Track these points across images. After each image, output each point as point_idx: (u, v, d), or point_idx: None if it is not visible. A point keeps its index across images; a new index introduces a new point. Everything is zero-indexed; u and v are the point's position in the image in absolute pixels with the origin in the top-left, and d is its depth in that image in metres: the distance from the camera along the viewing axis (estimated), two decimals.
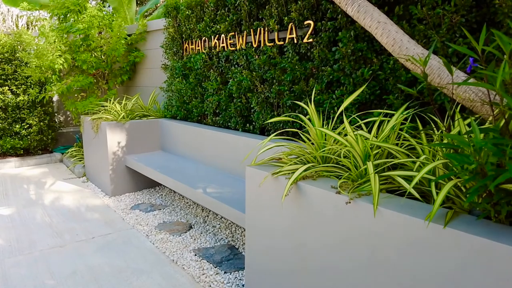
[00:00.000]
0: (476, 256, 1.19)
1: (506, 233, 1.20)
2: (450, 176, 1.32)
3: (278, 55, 2.97)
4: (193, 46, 3.98)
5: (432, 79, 1.62)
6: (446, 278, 1.28)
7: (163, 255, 2.90)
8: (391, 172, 1.59)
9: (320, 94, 2.64)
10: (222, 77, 3.62)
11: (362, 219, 1.53)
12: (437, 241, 1.29)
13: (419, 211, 1.41)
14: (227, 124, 3.62)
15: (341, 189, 1.66)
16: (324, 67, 2.60)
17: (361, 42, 2.39)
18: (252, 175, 2.05)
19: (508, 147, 1.14)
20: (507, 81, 1.24)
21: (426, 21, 2.13)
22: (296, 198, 1.82)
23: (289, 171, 1.89)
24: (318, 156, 1.98)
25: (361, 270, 1.57)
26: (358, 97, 2.40)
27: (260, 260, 2.11)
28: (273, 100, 3.06)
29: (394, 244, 1.43)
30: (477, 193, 1.19)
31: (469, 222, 1.29)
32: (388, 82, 2.30)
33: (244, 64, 3.30)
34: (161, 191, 4.48)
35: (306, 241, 1.80)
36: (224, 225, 3.42)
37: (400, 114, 1.85)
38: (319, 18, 2.67)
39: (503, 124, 1.25)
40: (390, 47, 1.70)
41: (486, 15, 2.03)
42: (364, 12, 1.76)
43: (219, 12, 3.52)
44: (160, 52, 4.92)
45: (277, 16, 2.95)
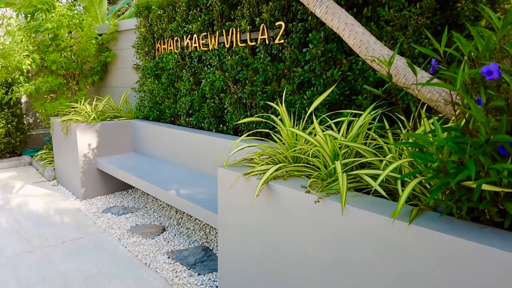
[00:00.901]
0: (439, 252, 1.23)
1: (467, 228, 1.24)
2: (415, 174, 1.35)
3: (250, 56, 2.98)
4: (165, 46, 3.94)
5: (398, 79, 1.66)
6: (412, 274, 1.32)
7: (135, 258, 2.86)
8: (358, 171, 1.62)
9: (292, 94, 2.66)
10: (195, 78, 3.59)
11: (331, 218, 1.55)
12: (403, 238, 1.32)
13: (386, 209, 1.44)
14: (201, 125, 3.60)
15: (310, 188, 1.68)
16: (296, 68, 2.63)
17: (331, 43, 2.42)
18: (224, 176, 2.05)
19: (468, 145, 1.18)
20: (467, 82, 1.28)
21: (394, 22, 2.18)
22: (267, 198, 1.83)
23: (260, 172, 1.90)
24: (289, 156, 1.99)
25: (331, 268, 1.59)
26: (329, 98, 2.43)
27: (233, 261, 2.11)
28: (246, 100, 3.06)
29: (362, 242, 1.46)
30: (440, 190, 1.22)
31: (433, 218, 1.33)
32: (357, 83, 2.34)
33: (217, 64, 3.29)
34: (134, 193, 4.41)
35: (278, 241, 1.81)
36: (199, 227, 3.40)
37: (367, 114, 1.88)
38: (290, 19, 2.69)
39: (464, 124, 1.29)
40: (357, 48, 1.73)
41: (449, 17, 2.09)
42: (332, 14, 1.79)
43: (191, 12, 3.50)
44: (132, 52, 4.84)
45: (248, 17, 2.95)
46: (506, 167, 1.07)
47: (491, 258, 1.12)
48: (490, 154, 1.17)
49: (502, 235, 1.19)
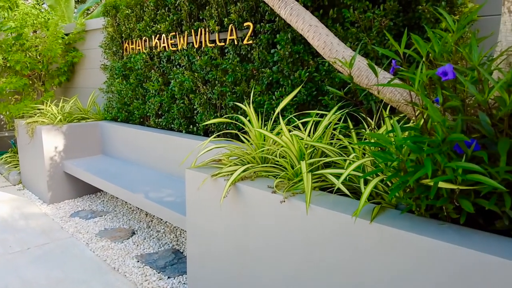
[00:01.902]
0: (400, 249, 1.26)
1: (426, 225, 1.28)
2: (376, 172, 1.38)
3: (219, 56, 2.97)
4: (134, 46, 3.88)
5: (361, 80, 1.69)
6: (375, 272, 1.34)
7: (104, 263, 2.79)
8: (323, 171, 1.64)
9: (261, 95, 2.67)
10: (164, 78, 3.55)
11: (297, 217, 1.57)
12: (365, 236, 1.35)
13: (349, 208, 1.46)
14: (170, 126, 3.56)
15: (277, 188, 1.69)
16: (264, 69, 2.63)
17: (298, 45, 2.44)
18: (192, 177, 2.03)
19: (426, 144, 1.21)
20: (425, 82, 1.32)
21: (358, 24, 2.21)
22: (235, 199, 1.82)
23: (228, 173, 1.89)
24: (257, 157, 2.00)
25: (299, 268, 1.60)
26: (296, 98, 2.45)
27: (202, 263, 2.09)
28: (216, 101, 3.05)
29: (327, 240, 1.48)
30: (399, 189, 1.25)
31: (394, 216, 1.36)
32: (323, 84, 2.37)
33: (186, 64, 3.26)
34: (103, 196, 4.32)
35: (246, 242, 1.81)
36: (169, 229, 3.36)
37: (332, 114, 1.91)
38: (258, 20, 2.69)
39: (423, 123, 1.33)
40: (321, 50, 1.75)
41: (412, 19, 2.15)
42: (297, 15, 1.80)
43: (160, 12, 3.45)
44: (100, 52, 4.74)
45: (217, 17, 2.94)
46: (461, 165, 1.10)
47: (449, 254, 1.16)
48: (447, 152, 1.20)
49: (459, 231, 1.23)
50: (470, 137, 1.30)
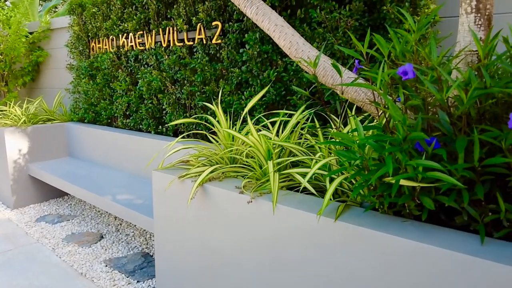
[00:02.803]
0: (363, 247, 1.27)
1: (389, 223, 1.29)
2: (341, 171, 1.39)
3: (188, 56, 2.93)
4: (100, 45, 3.78)
5: (326, 80, 1.70)
6: (340, 270, 1.35)
7: (70, 268, 2.71)
8: (290, 170, 1.64)
9: (231, 95, 2.65)
10: (132, 78, 3.48)
11: (264, 217, 1.56)
12: (330, 235, 1.36)
13: (315, 206, 1.47)
14: (139, 127, 3.49)
15: (245, 189, 1.68)
16: (233, 69, 2.62)
17: (266, 44, 2.44)
18: (158, 179, 1.99)
19: (387, 143, 1.23)
20: (387, 82, 1.34)
21: (325, 24, 2.23)
22: (203, 200, 1.80)
23: (196, 174, 1.87)
24: (225, 157, 1.98)
25: (267, 268, 1.60)
26: (266, 98, 2.45)
27: (171, 266, 2.06)
28: (185, 101, 3.01)
29: (294, 240, 1.48)
30: (362, 187, 1.26)
31: (358, 214, 1.37)
32: (292, 83, 2.37)
33: (154, 64, 3.20)
34: (70, 200, 4.19)
35: (215, 243, 1.79)
36: (139, 233, 3.30)
37: (299, 114, 1.92)
38: (226, 19, 2.68)
39: (385, 122, 1.34)
40: (287, 50, 1.75)
41: (377, 19, 2.18)
42: (262, 15, 1.80)
43: (127, 11, 3.38)
44: (66, 52, 4.60)
45: (185, 16, 2.90)
46: (421, 163, 1.12)
47: (410, 251, 1.17)
48: (408, 151, 1.22)
49: (421, 228, 1.25)
50: (431, 135, 1.33)
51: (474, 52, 1.41)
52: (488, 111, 1.34)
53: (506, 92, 1.18)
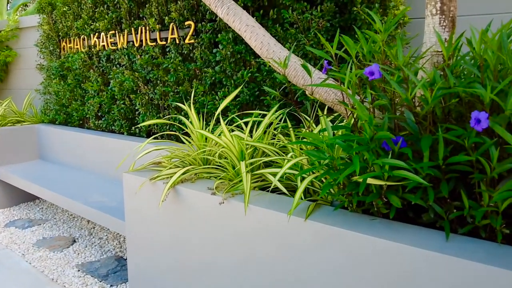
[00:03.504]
0: (332, 246, 1.28)
1: (358, 221, 1.31)
2: (311, 170, 1.40)
3: (161, 55, 2.90)
4: (71, 45, 3.69)
5: (297, 80, 1.71)
6: (311, 269, 1.36)
7: (41, 274, 2.63)
8: (262, 170, 1.64)
9: (204, 95, 2.63)
10: (104, 78, 3.41)
11: (236, 218, 1.55)
12: (300, 234, 1.36)
13: (287, 206, 1.47)
14: (111, 128, 3.42)
15: (217, 190, 1.67)
16: (207, 69, 2.60)
17: (239, 45, 2.43)
18: (129, 181, 1.96)
19: (355, 142, 1.25)
20: (355, 82, 1.35)
21: (297, 25, 2.24)
22: (175, 202, 1.78)
23: (167, 175, 1.84)
24: (198, 158, 1.97)
25: (241, 269, 1.59)
26: (240, 98, 2.44)
27: (143, 269, 2.03)
28: (158, 101, 2.97)
29: (265, 239, 1.48)
30: (330, 186, 1.27)
31: (328, 213, 1.38)
32: (265, 84, 2.38)
33: (127, 64, 3.15)
34: (42, 204, 4.08)
35: (187, 246, 1.77)
36: (112, 236, 3.24)
37: (272, 114, 1.92)
38: (199, 19, 2.66)
39: (353, 122, 1.36)
40: (258, 50, 1.75)
41: (348, 20, 2.21)
42: (233, 15, 1.79)
43: (98, 10, 3.31)
44: (36, 51, 4.48)
45: (157, 16, 2.87)
46: (387, 162, 1.14)
47: (378, 248, 1.19)
48: (375, 150, 1.24)
49: (389, 226, 1.27)
50: (398, 134, 1.35)
51: (440, 53, 1.45)
52: (454, 110, 1.37)
53: (469, 91, 1.21)
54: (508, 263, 1.02)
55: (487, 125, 1.06)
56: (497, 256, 1.05)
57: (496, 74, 1.26)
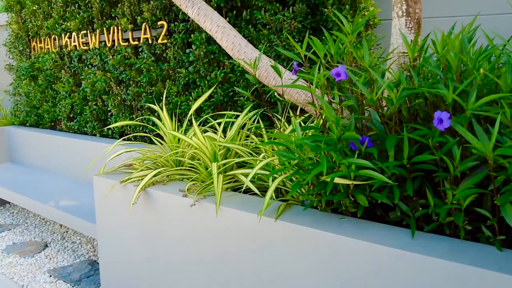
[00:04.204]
0: (302, 245, 1.29)
1: (327, 220, 1.32)
2: (281, 171, 1.40)
3: (133, 56, 2.86)
4: (42, 45, 3.61)
5: (269, 81, 1.71)
6: (283, 268, 1.36)
7: (10, 281, 2.56)
8: (235, 171, 1.64)
9: (178, 96, 2.61)
10: (76, 79, 3.34)
11: (208, 220, 1.55)
12: (271, 234, 1.37)
13: (258, 206, 1.47)
14: (83, 129, 3.36)
15: (189, 191, 1.66)
16: (180, 69, 2.58)
17: (213, 45, 2.42)
18: (100, 184, 1.93)
19: (322, 143, 1.26)
20: (323, 83, 1.37)
21: (270, 26, 2.25)
22: (146, 205, 1.76)
23: (138, 178, 1.82)
24: (170, 160, 1.95)
25: (213, 272, 1.58)
26: (214, 99, 2.43)
27: (115, 273, 2.00)
28: (131, 102, 2.93)
29: (237, 241, 1.48)
30: (300, 186, 1.28)
31: (298, 213, 1.39)
32: (239, 84, 2.38)
33: (99, 64, 3.10)
34: (12, 208, 3.96)
35: (159, 248, 1.76)
36: (86, 240, 3.18)
37: (245, 115, 1.92)
38: (172, 19, 2.63)
39: (322, 123, 1.37)
40: (230, 51, 1.75)
41: (320, 22, 2.23)
42: (204, 15, 1.78)
43: (69, 9, 3.24)
44: (5, 51, 4.34)
45: (130, 15, 2.83)
46: (353, 162, 1.16)
47: (346, 247, 1.21)
48: (342, 150, 1.26)
49: (357, 224, 1.29)
50: (366, 134, 1.37)
51: (406, 54, 1.48)
52: (422, 110, 1.40)
53: (432, 92, 1.24)
54: (469, 258, 1.05)
55: (449, 124, 1.09)
56: (459, 252, 1.08)
57: (459, 75, 1.30)
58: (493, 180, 1.10)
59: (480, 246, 1.12)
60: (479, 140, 1.06)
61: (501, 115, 1.09)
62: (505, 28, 2.03)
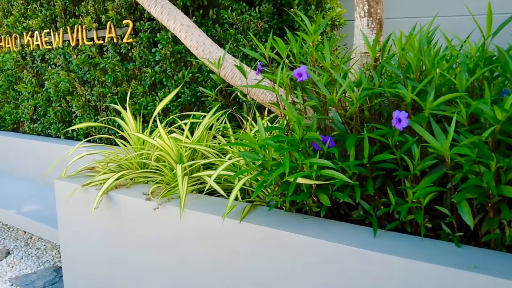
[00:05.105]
0: (267, 245, 1.28)
1: (291, 220, 1.32)
2: (246, 172, 1.39)
3: (98, 55, 2.78)
4: (2, 44, 3.47)
5: (235, 81, 1.70)
6: (249, 270, 1.35)
7: None
8: (201, 173, 1.62)
9: (144, 96, 2.56)
10: (39, 79, 3.23)
11: (172, 224, 1.52)
12: (236, 235, 1.35)
13: (224, 208, 1.45)
14: (47, 132, 3.25)
15: (153, 194, 1.62)
16: (146, 69, 2.53)
17: (180, 44, 2.38)
18: (61, 188, 1.86)
19: (285, 143, 1.25)
20: (286, 83, 1.36)
21: (237, 26, 2.23)
22: (109, 209, 1.71)
23: (101, 181, 1.77)
24: (134, 162, 1.90)
25: (178, 276, 1.55)
26: (181, 99, 2.40)
27: (79, 279, 1.94)
28: (96, 102, 2.85)
29: (202, 244, 1.45)
30: (263, 186, 1.27)
31: (263, 214, 1.38)
32: (206, 84, 2.35)
33: (63, 64, 3.00)
34: None
35: (123, 254, 1.71)
36: (51, 246, 3.07)
37: (212, 115, 1.90)
38: (137, 18, 2.58)
39: (286, 123, 1.37)
40: (194, 50, 1.73)
41: (286, 22, 2.23)
42: (168, 14, 1.75)
43: (30, 7, 3.13)
44: None
45: (94, 14, 2.75)
46: (314, 162, 1.16)
47: (310, 248, 1.20)
48: (305, 150, 1.26)
49: (320, 224, 1.29)
50: (330, 135, 1.37)
51: (368, 54, 1.49)
52: (384, 110, 1.42)
53: (392, 92, 1.25)
54: (428, 255, 1.07)
55: (407, 124, 1.11)
56: (420, 250, 1.10)
57: (418, 75, 1.32)
58: (450, 178, 1.13)
59: (440, 243, 1.14)
60: (437, 139, 1.07)
61: (457, 114, 1.12)
62: (462, 30, 2.09)
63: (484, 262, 1.02)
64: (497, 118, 1.02)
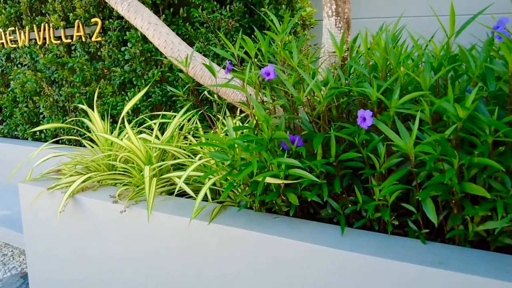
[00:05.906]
0: (236, 246, 1.27)
1: (261, 220, 1.31)
2: (215, 172, 1.37)
3: (66, 54, 2.71)
4: None
5: (205, 80, 1.68)
6: (220, 271, 1.34)
7: None
8: (170, 174, 1.59)
9: (114, 95, 2.50)
10: (4, 79, 3.12)
11: (140, 227, 1.49)
12: (206, 237, 1.33)
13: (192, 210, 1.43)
14: (14, 133, 3.14)
15: (120, 197, 1.58)
16: (115, 68, 2.48)
17: (149, 43, 2.34)
18: (26, 191, 1.80)
19: (254, 143, 1.24)
20: (255, 82, 1.35)
21: (208, 24, 2.21)
22: (76, 213, 1.66)
23: (67, 184, 1.71)
24: (102, 164, 1.85)
25: (146, 278, 1.52)
26: (152, 99, 2.36)
27: (45, 284, 1.87)
28: (64, 103, 2.77)
29: (171, 247, 1.43)
30: (232, 187, 1.26)
31: (233, 214, 1.37)
32: (177, 84, 2.32)
33: (29, 63, 2.91)
34: None
35: (90, 258, 1.66)
36: (19, 251, 2.97)
37: (182, 115, 1.87)
38: (106, 16, 2.52)
39: (255, 122, 1.36)
40: (163, 49, 1.70)
41: (257, 21, 2.22)
42: (134, 12, 1.71)
43: None
44: None
45: (61, 12, 2.67)
46: (282, 161, 1.15)
47: (279, 247, 1.20)
48: (274, 149, 1.25)
49: (290, 223, 1.29)
50: (299, 134, 1.37)
51: (335, 54, 1.50)
52: (353, 109, 1.43)
53: (358, 91, 1.26)
54: (394, 253, 1.08)
55: (371, 122, 1.11)
56: (386, 247, 1.11)
57: (384, 74, 1.33)
58: (415, 175, 1.14)
59: (406, 240, 1.15)
60: (401, 138, 1.08)
61: (420, 113, 1.13)
62: (428, 30, 2.13)
63: (448, 258, 1.03)
64: (459, 116, 1.04)
